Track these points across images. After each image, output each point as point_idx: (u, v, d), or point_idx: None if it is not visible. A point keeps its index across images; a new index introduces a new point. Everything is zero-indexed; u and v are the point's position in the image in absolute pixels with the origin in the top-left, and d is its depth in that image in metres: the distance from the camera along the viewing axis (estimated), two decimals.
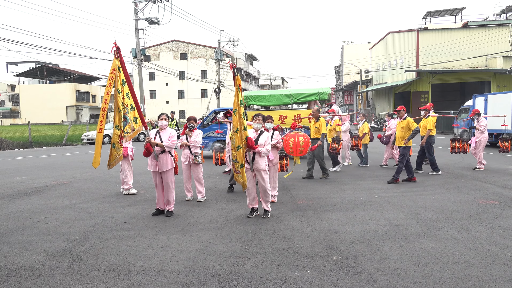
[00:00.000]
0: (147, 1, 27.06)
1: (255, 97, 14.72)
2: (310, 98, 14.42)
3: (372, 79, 49.93)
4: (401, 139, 9.22)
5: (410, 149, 9.41)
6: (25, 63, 75.37)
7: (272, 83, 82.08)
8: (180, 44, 60.15)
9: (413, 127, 9.05)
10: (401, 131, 9.27)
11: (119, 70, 5.85)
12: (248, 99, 14.70)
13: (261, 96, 14.81)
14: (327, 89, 14.55)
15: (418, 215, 6.20)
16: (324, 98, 14.32)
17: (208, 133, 14.76)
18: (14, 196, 8.32)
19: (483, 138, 10.93)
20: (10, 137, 24.62)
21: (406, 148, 9.18)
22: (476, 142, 11.00)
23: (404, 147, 9.19)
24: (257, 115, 6.39)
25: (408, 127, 9.15)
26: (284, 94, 14.68)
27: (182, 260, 4.43)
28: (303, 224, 5.79)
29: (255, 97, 14.73)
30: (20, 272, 4.17)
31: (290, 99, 14.43)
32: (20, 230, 5.77)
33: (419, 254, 4.47)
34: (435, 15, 46.71)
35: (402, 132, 9.24)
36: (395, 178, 9.11)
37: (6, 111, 73.15)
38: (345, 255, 4.49)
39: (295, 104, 15.12)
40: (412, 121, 9.19)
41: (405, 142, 9.12)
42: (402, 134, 9.24)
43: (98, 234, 5.50)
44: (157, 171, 6.37)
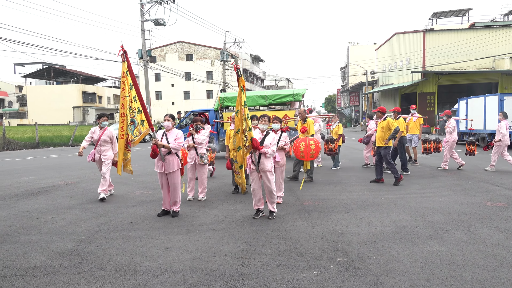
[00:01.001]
0: (153, 2, 27.18)
1: (231, 98, 14.93)
2: (285, 100, 14.73)
3: (378, 80, 49.74)
4: (381, 140, 9.23)
5: (391, 148, 9.42)
6: (33, 64, 76.00)
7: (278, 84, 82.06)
8: (186, 45, 60.34)
9: (393, 127, 9.05)
10: (381, 131, 9.28)
11: (126, 73, 5.87)
12: (224, 100, 14.92)
13: (236, 97, 14.86)
14: (302, 91, 14.82)
15: (424, 217, 6.17)
16: (298, 99, 14.59)
17: (185, 134, 15.00)
18: (21, 196, 8.38)
19: (451, 139, 11.27)
20: (18, 138, 24.79)
21: (387, 148, 9.22)
22: (445, 143, 11.36)
23: (385, 147, 9.20)
24: (264, 116, 6.39)
25: (388, 127, 9.16)
26: (260, 96, 14.91)
27: (188, 261, 4.43)
28: (308, 226, 5.78)
29: (231, 98, 14.93)
30: (27, 272, 4.19)
31: (265, 100, 14.67)
32: (27, 229, 5.81)
33: (425, 257, 4.44)
34: (442, 16, 46.44)
35: (382, 133, 9.25)
36: (397, 177, 9.09)
37: (13, 112, 73.73)
38: (351, 257, 4.47)
39: (270, 105, 15.41)
40: (392, 121, 9.20)
41: (385, 142, 9.14)
42: (382, 135, 9.25)
43: (104, 234, 5.52)
44: (163, 172, 6.38)
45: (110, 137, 7.94)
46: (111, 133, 7.99)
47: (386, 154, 9.17)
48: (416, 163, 12.57)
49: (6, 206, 7.42)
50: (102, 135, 7.83)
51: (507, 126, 10.95)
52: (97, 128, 7.97)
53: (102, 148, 7.85)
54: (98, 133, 7.90)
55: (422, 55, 36.18)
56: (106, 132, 7.89)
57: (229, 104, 14.92)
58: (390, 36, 43.58)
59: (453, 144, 11.31)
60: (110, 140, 7.94)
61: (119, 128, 6.16)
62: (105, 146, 7.88)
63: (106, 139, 7.88)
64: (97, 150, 7.88)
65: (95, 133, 7.93)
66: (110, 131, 7.98)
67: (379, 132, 9.33)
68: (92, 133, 7.94)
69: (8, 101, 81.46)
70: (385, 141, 9.12)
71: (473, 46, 34.20)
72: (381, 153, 9.27)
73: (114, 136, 8.02)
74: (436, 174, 10.57)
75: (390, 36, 43.58)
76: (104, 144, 7.86)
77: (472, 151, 11.34)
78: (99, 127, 7.95)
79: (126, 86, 5.88)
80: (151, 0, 27.06)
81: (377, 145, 9.45)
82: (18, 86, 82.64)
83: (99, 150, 7.88)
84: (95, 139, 7.87)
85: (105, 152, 7.89)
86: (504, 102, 17.80)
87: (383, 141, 9.16)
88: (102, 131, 7.89)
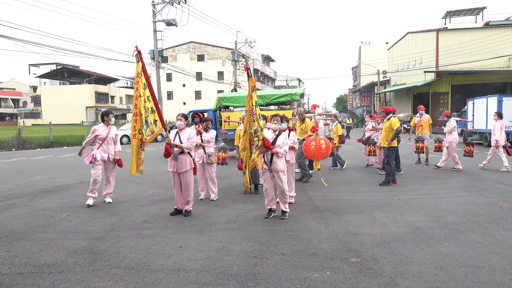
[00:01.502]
0: (165, 3, 27.33)
1: (229, 98, 15.01)
2: (283, 99, 14.80)
3: (390, 80, 49.32)
4: (385, 140, 9.20)
5: (395, 149, 9.32)
6: (47, 64, 77.11)
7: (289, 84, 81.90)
8: (197, 45, 60.58)
9: (395, 127, 8.98)
10: (385, 131, 9.26)
11: (141, 74, 5.90)
12: (222, 100, 14.98)
13: (234, 97, 15.12)
14: (300, 90, 15.00)
15: (439, 218, 6.09)
16: (296, 99, 14.71)
17: None
18: (36, 194, 8.50)
19: (452, 139, 11.33)
20: (32, 137, 25.17)
21: (390, 149, 9.12)
22: (448, 143, 11.39)
23: (388, 147, 9.13)
24: (276, 116, 6.38)
25: (391, 128, 9.11)
26: (258, 95, 14.94)
27: (200, 260, 4.44)
28: (321, 226, 5.75)
29: (229, 98, 15.02)
30: (43, 269, 4.25)
31: (263, 100, 14.71)
32: (42, 227, 5.89)
33: (440, 258, 4.39)
34: (455, 14, 45.83)
35: (386, 133, 9.22)
36: (387, 180, 9.05)
37: (28, 112, 74.93)
38: (364, 258, 4.44)
39: (268, 105, 15.51)
40: (395, 121, 9.09)
41: (388, 142, 9.09)
42: (385, 135, 9.22)
43: (118, 232, 5.57)
44: (176, 171, 6.41)
45: (116, 135, 7.68)
46: (116, 132, 7.76)
47: (389, 154, 9.11)
48: (420, 162, 12.75)
49: (21, 204, 7.53)
50: (109, 133, 7.50)
51: (502, 126, 11.01)
52: (101, 126, 7.52)
53: (109, 146, 7.50)
54: (104, 130, 7.48)
55: (436, 54, 35.77)
56: (112, 130, 7.63)
57: (227, 104, 15.02)
58: (403, 36, 43.18)
59: (455, 143, 11.38)
60: (115, 138, 7.66)
61: (132, 128, 6.18)
62: (111, 144, 7.57)
63: (113, 137, 7.59)
64: (104, 149, 7.43)
65: (99, 130, 7.44)
66: (115, 129, 7.75)
67: (383, 132, 9.33)
68: (95, 131, 7.45)
69: (23, 101, 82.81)
70: (388, 142, 9.09)
71: (488, 45, 33.69)
72: (384, 153, 9.26)
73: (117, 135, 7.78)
74: (450, 175, 10.44)
75: (403, 36, 43.18)
76: (111, 143, 7.54)
77: (471, 152, 11.35)
78: (106, 125, 7.54)
79: (140, 86, 5.91)
80: (163, 1, 27.22)
81: (382, 145, 9.46)
82: (33, 86, 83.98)
83: (106, 149, 7.44)
84: (102, 136, 7.40)
85: (112, 151, 7.55)
86: (502, 103, 18.49)
87: (387, 141, 9.15)
88: (108, 128, 7.55)
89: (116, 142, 7.67)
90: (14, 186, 9.56)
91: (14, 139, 22.85)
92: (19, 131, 23.24)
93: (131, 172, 6.13)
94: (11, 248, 4.93)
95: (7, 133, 31.15)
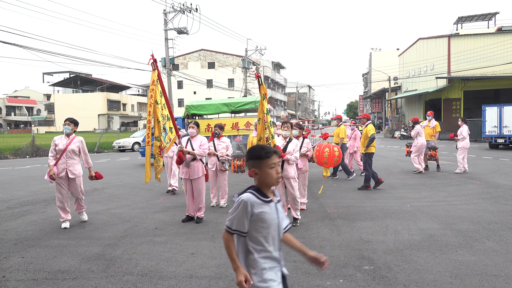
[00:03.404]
0: (177, 12, 27.64)
1: (196, 106, 15.26)
2: (247, 107, 15.13)
3: (402, 86, 48.99)
4: (363, 146, 9.62)
5: (372, 155, 9.52)
6: (60, 73, 78.27)
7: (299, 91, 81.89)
8: (208, 53, 61.05)
9: (370, 133, 9.39)
10: (363, 138, 9.63)
11: (156, 81, 5.96)
12: (190, 108, 15.30)
13: (201, 105, 15.39)
14: None
15: (453, 225, 6.01)
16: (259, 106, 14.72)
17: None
18: (50, 201, 8.60)
19: (418, 143, 12.08)
20: (46, 145, 25.52)
21: (367, 155, 9.46)
22: (413, 147, 12.23)
23: (365, 153, 9.48)
24: (286, 123, 6.39)
25: (366, 135, 9.48)
26: (223, 103, 15.25)
27: (213, 267, 4.45)
28: (333, 233, 5.71)
29: (196, 106, 15.28)
30: (57, 275, 4.29)
31: (228, 107, 15.03)
32: (56, 234, 5.95)
33: (455, 266, 4.32)
34: (467, 20, 45.46)
35: (364, 139, 9.61)
36: (365, 185, 9.36)
37: (42, 120, 76.12)
38: (377, 265, 4.39)
39: (233, 112, 15.84)
40: (370, 128, 9.46)
41: (364, 148, 9.45)
42: (363, 141, 9.63)
43: (131, 239, 5.60)
44: (188, 178, 6.44)
45: (79, 148, 6.52)
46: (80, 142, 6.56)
47: (366, 160, 9.43)
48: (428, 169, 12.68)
49: (36, 211, 7.63)
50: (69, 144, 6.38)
51: (467, 131, 11.93)
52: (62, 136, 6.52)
53: (69, 161, 6.36)
54: (64, 142, 6.42)
55: (447, 60, 35.46)
56: (74, 141, 6.47)
57: (195, 112, 15.25)
58: (414, 42, 42.95)
59: (420, 147, 12.07)
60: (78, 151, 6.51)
61: (146, 135, 6.22)
62: (72, 158, 6.42)
63: (74, 149, 6.43)
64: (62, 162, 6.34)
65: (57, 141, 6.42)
66: (79, 139, 6.54)
67: (362, 138, 9.75)
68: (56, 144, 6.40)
69: (37, 109, 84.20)
70: (365, 148, 9.50)
71: (501, 51, 33.30)
72: (363, 159, 9.63)
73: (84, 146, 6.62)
74: (463, 181, 10.30)
75: (414, 42, 42.95)
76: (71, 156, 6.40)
77: (435, 156, 12.24)
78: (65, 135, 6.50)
79: (156, 93, 5.96)
80: (175, 10, 27.52)
81: (361, 151, 9.82)
82: (46, 94, 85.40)
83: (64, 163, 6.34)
84: (59, 149, 6.36)
85: (71, 166, 6.39)
86: (485, 112, 20.68)
87: (364, 148, 9.55)
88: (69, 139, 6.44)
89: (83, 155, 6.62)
90: (28, 193, 9.69)
91: (28, 147, 23.21)
92: (33, 138, 23.61)
93: (146, 180, 6.15)
94: (26, 254, 5.00)
95: (21, 141, 31.65)
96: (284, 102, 77.62)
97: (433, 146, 12.33)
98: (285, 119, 9.70)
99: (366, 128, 9.55)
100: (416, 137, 12.09)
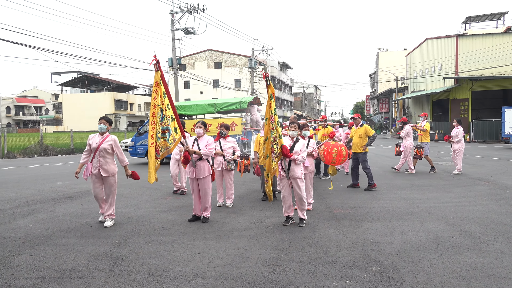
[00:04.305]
0: (184, 12, 27.71)
1: (183, 107, 15.66)
2: (232, 107, 15.60)
3: (409, 86, 48.73)
4: (359, 146, 9.59)
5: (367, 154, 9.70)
6: (68, 73, 78.86)
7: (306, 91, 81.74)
8: (215, 53, 61.15)
9: (371, 133, 9.51)
10: (359, 137, 9.63)
11: (160, 83, 5.97)
12: (176, 108, 15.36)
13: (188, 105, 15.79)
14: (248, 99, 15.72)
15: (460, 226, 5.96)
16: (244, 107, 15.38)
17: (143, 141, 16.05)
18: (58, 200, 8.67)
19: (407, 144, 12.37)
20: (54, 144, 25.75)
21: (365, 154, 9.59)
22: (403, 147, 12.43)
23: (363, 153, 9.59)
24: (293, 123, 6.38)
25: (365, 134, 9.55)
26: (209, 104, 15.68)
27: (219, 267, 4.45)
28: (340, 234, 5.70)
29: (183, 106, 15.67)
30: (64, 273, 4.32)
31: (214, 108, 15.49)
32: (64, 232, 6.00)
33: (463, 268, 4.29)
34: (475, 20, 45.08)
35: (360, 139, 9.61)
36: (371, 183, 9.47)
37: (50, 119, 76.79)
38: (384, 266, 4.37)
39: (218, 113, 16.27)
40: (369, 128, 9.63)
41: (363, 148, 9.52)
42: (360, 141, 9.62)
43: (137, 238, 5.63)
44: (194, 177, 6.46)
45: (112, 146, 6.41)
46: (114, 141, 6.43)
47: (364, 159, 9.54)
48: (435, 170, 12.50)
49: (44, 209, 7.69)
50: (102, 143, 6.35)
51: (462, 133, 11.99)
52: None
53: (101, 159, 6.33)
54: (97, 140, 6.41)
55: (455, 60, 35.21)
56: (107, 139, 6.40)
57: (181, 112, 15.47)
58: (421, 42, 42.70)
59: (409, 149, 12.37)
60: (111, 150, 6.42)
61: (149, 136, 6.23)
62: (105, 157, 6.36)
63: (107, 148, 6.35)
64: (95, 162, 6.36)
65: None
66: (112, 138, 6.42)
67: (357, 138, 9.71)
68: None
69: (45, 108, 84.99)
70: (363, 147, 9.52)
71: (510, 51, 32.99)
72: (359, 158, 9.63)
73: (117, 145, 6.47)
74: (471, 182, 10.22)
75: (421, 42, 42.70)
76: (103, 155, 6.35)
77: (420, 155, 12.21)
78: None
79: (158, 95, 5.97)
80: (182, 10, 27.60)
81: (354, 151, 9.77)
82: (55, 94, 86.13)
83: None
84: (93, 147, 6.37)
85: (105, 164, 6.35)
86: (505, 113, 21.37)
87: (361, 147, 9.53)
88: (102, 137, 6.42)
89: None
90: (36, 192, 9.77)
91: (37, 146, 23.42)
92: (41, 138, 23.83)
93: (149, 180, 6.15)
94: (34, 253, 5.04)
95: (29, 140, 31.94)
96: (291, 103, 77.53)
97: (419, 145, 12.35)
98: (293, 120, 9.71)
99: (363, 127, 9.61)
100: (405, 137, 12.32)
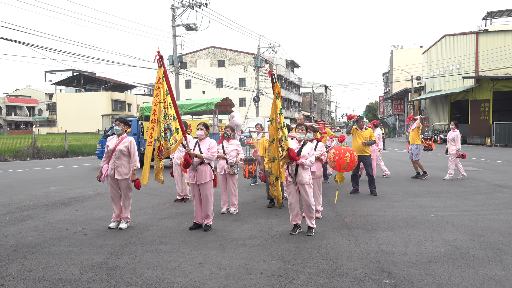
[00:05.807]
0: (185, 7, 27.84)
1: (149, 108, 16.02)
2: (199, 109, 16.46)
3: (425, 86, 48.56)
4: (363, 149, 9.91)
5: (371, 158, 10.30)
6: (63, 71, 79.51)
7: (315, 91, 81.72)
8: (218, 50, 61.33)
9: (374, 138, 10.09)
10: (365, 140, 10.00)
11: (162, 79, 6.01)
12: (144, 110, 16.66)
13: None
14: (216, 100, 16.64)
15: (481, 237, 5.92)
16: (211, 108, 16.24)
17: None
18: (51, 206, 8.71)
19: (374, 147, 12.24)
20: (47, 146, 25.90)
21: (370, 157, 10.17)
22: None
23: (369, 155, 10.08)
24: (300, 125, 6.37)
25: (369, 138, 9.95)
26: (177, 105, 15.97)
27: (221, 278, 4.45)
28: (351, 244, 5.67)
29: (149, 108, 16.03)
30: (57, 284, 4.34)
31: (181, 109, 15.97)
32: (57, 240, 6.02)
33: (483, 281, 4.25)
34: (497, 15, 44.90)
35: None
36: (374, 188, 9.87)
37: (43, 120, 77.29)
38: (398, 279, 4.35)
39: (186, 114, 16.93)
40: (373, 134, 10.10)
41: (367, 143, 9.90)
42: (362, 144, 9.99)
43: (135, 247, 5.64)
44: (195, 183, 6.46)
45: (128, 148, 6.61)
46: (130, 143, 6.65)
47: (370, 163, 10.09)
48: (427, 174, 12.54)
49: (36, 216, 7.73)
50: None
51: (459, 136, 12.16)
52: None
53: (117, 161, 6.54)
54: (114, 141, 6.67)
55: (475, 58, 35.05)
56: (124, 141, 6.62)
57: (148, 114, 15.71)
58: (439, 39, 42.58)
59: (376, 151, 12.41)
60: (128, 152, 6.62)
61: (148, 135, 6.25)
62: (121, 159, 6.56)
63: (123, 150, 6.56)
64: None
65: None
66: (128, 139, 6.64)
67: (359, 141, 9.92)
68: None
69: (38, 109, 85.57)
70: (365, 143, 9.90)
71: None
72: (365, 162, 9.97)
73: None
74: (492, 190, 10.16)
75: (439, 39, 42.58)
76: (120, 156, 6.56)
77: (430, 146, 12.70)
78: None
79: (161, 92, 6.00)
80: (183, 5, 27.73)
81: (359, 154, 9.72)
82: (48, 93, 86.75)
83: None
84: (110, 149, 6.64)
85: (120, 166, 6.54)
86: None
87: (366, 150, 9.94)
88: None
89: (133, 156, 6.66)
90: (28, 197, 9.83)
91: (29, 148, 23.55)
92: (34, 140, 23.96)
93: (142, 182, 6.19)
94: (26, 262, 5.06)
95: (22, 142, 32.16)
96: (299, 103, 77.55)
97: (426, 136, 12.88)
98: (301, 121, 9.70)
99: (369, 131, 9.98)
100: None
